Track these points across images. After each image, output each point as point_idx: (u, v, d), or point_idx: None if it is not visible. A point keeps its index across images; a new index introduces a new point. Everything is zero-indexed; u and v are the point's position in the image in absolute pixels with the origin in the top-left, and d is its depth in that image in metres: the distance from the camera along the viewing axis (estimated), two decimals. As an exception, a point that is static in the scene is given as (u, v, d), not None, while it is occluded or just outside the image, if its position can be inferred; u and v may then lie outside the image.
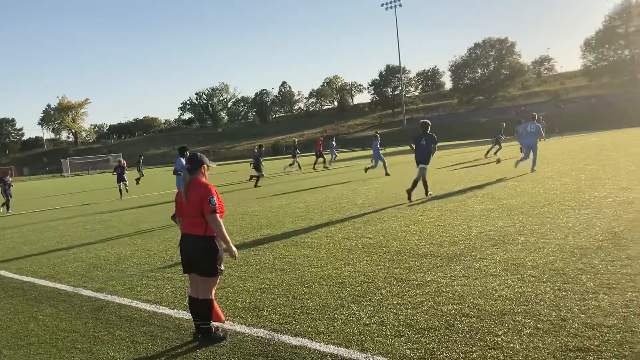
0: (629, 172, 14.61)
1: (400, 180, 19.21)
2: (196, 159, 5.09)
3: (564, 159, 21.27)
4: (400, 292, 5.85)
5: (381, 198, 14.32)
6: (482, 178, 16.94)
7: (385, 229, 9.73)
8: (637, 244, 6.87)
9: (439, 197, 13.22)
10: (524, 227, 8.63)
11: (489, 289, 5.64)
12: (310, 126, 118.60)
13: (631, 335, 4.15)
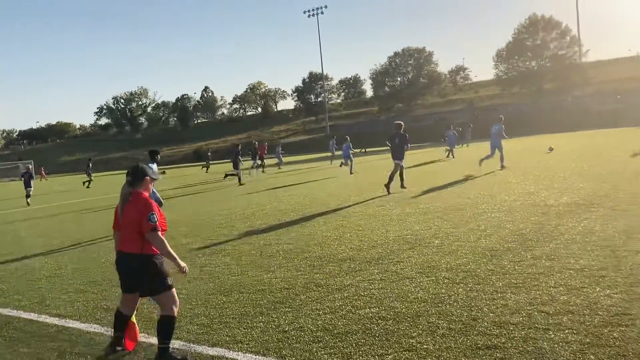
0: (535, 177, 15.47)
1: (322, 187, 19.39)
2: (137, 171, 4.65)
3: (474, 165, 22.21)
4: (319, 297, 5.88)
5: (304, 204, 14.38)
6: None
7: (307, 234, 9.77)
8: (541, 245, 7.28)
9: (360, 202, 13.44)
10: (439, 231, 8.93)
11: (405, 291, 5.79)
12: (233, 132, 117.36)
13: (534, 332, 4.38)
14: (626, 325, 4.32)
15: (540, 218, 9.21)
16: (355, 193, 15.83)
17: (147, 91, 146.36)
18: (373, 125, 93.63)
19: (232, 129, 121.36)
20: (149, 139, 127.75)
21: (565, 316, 4.65)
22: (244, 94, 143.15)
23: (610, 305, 4.79)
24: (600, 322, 4.44)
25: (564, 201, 10.70)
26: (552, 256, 6.64)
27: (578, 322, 4.50)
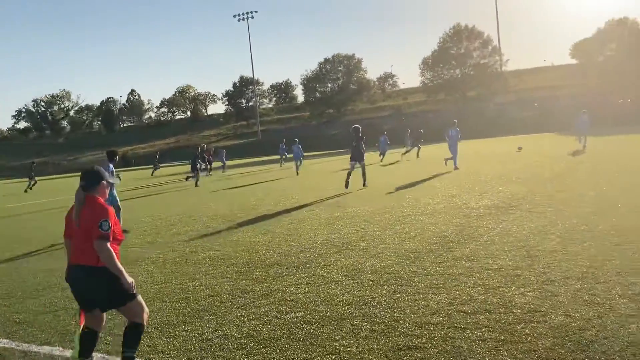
0: (458, 181, 16.01)
1: (256, 191, 19.26)
2: (93, 174, 4.24)
3: (403, 169, 22.80)
4: (245, 303, 5.82)
5: (233, 209, 14.22)
6: (333, 188, 17.54)
7: (235, 240, 9.65)
8: (462, 246, 7.53)
9: (290, 208, 13.44)
10: (366, 234, 9.06)
11: (331, 295, 5.82)
12: (161, 136, 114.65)
13: (453, 331, 4.51)
14: (537, 322, 4.53)
15: (462, 220, 9.53)
16: (286, 198, 15.81)
17: (69, 94, 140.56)
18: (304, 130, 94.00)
19: (159, 133, 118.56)
20: (71, 143, 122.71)
21: (482, 315, 4.82)
22: (172, 98, 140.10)
23: (524, 303, 5.01)
24: (514, 320, 4.63)
25: (484, 204, 11.12)
26: (471, 257, 6.88)
27: (494, 320, 4.67)
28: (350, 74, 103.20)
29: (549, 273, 5.87)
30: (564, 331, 4.29)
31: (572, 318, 4.53)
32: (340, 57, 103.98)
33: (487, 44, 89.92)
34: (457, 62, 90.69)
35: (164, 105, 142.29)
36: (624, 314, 4.51)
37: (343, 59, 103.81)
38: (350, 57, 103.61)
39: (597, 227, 7.89)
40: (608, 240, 7.04)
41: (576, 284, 5.40)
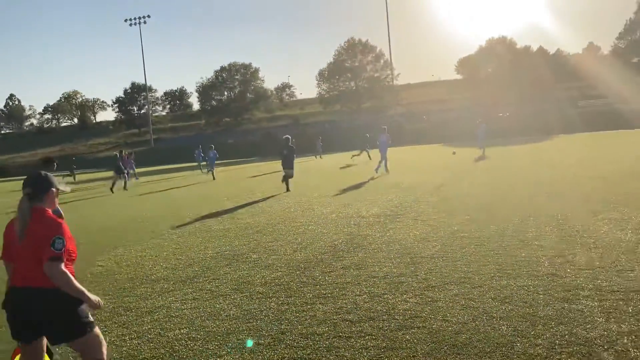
0: (350, 190, 16.39)
1: (142, 203, 18.55)
2: (41, 180, 3.55)
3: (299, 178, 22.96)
4: (127, 321, 5.55)
5: (120, 222, 13.58)
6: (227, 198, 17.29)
7: (120, 255, 9.21)
8: (351, 255, 7.68)
9: (182, 221, 13.06)
10: (258, 245, 9.00)
11: (218, 309, 5.70)
12: (45, 144, 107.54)
13: (338, 341, 4.57)
14: (418, 328, 4.70)
15: (352, 229, 9.74)
16: (177, 208, 15.36)
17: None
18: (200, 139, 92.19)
19: (43, 141, 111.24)
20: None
21: (366, 323, 4.92)
22: (57, 104, 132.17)
23: (406, 310, 5.18)
24: (396, 326, 4.77)
25: (374, 212, 11.45)
26: (359, 265, 7.04)
27: (377, 327, 4.79)
28: (248, 83, 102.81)
29: (430, 279, 6.12)
30: (441, 335, 4.49)
31: (449, 322, 4.75)
32: (237, 65, 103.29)
33: (380, 58, 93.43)
34: (352, 74, 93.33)
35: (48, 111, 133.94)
36: (495, 317, 4.79)
37: (240, 68, 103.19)
38: (248, 66, 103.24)
39: (476, 234, 8.36)
40: (484, 247, 7.48)
41: (454, 289, 5.68)
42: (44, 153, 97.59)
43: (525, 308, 4.95)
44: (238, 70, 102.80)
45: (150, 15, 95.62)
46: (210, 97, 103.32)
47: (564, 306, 4.91)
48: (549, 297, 5.20)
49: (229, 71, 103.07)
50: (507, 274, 6.05)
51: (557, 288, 5.43)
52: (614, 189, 12.03)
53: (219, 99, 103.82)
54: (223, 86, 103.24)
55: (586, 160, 20.10)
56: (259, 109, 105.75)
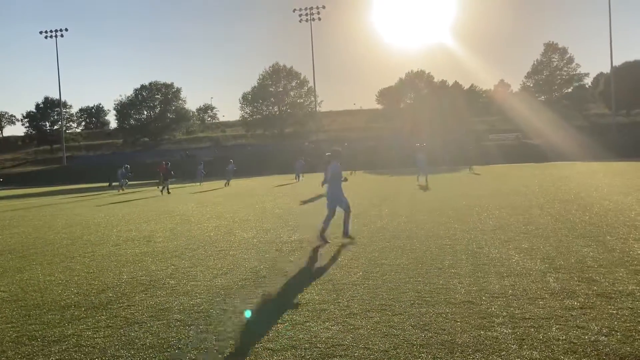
0: (274, 215, 16.31)
1: (52, 223, 17.55)
2: None
3: (220, 202, 22.61)
4: (32, 352, 5.17)
5: (27, 244, 12.76)
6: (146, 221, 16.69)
7: (26, 279, 8.62)
8: (272, 281, 7.60)
9: (94, 244, 12.46)
10: (176, 270, 8.71)
11: (133, 337, 5.43)
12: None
13: (260, 370, 4.46)
14: (340, 356, 4.68)
15: (274, 255, 9.66)
16: (90, 231, 14.65)
17: None
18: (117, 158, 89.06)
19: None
20: None
21: (288, 351, 4.85)
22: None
23: (328, 338, 5.16)
24: (318, 355, 4.73)
25: (296, 238, 11.43)
26: (281, 292, 6.96)
27: (299, 356, 4.73)
28: (169, 103, 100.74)
29: (352, 306, 6.15)
30: (363, 364, 4.49)
31: (371, 351, 4.77)
32: (159, 84, 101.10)
33: (304, 85, 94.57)
34: (275, 99, 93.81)
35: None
36: (416, 344, 4.86)
37: (161, 87, 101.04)
38: (169, 86, 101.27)
39: (396, 261, 8.52)
40: (404, 274, 7.63)
41: (376, 317, 5.73)
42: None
43: (444, 335, 5.06)
44: (159, 90, 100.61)
45: (67, 28, 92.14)
46: (129, 115, 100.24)
47: (480, 333, 5.07)
48: (466, 324, 5.35)
49: (150, 90, 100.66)
50: (426, 302, 6.19)
51: (474, 315, 5.61)
52: (522, 219, 12.69)
53: (138, 117, 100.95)
54: (143, 105, 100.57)
55: (497, 191, 21.12)
56: (180, 130, 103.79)
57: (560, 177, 28.38)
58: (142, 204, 24.19)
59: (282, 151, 77.41)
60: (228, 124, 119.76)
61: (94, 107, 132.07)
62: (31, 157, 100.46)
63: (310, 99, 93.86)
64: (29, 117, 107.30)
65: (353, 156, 68.33)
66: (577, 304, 5.82)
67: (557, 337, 4.88)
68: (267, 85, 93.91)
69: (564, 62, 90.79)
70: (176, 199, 27.09)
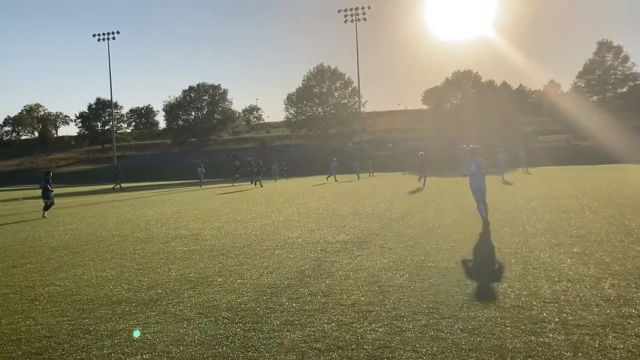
0: (317, 216, 16.35)
1: (103, 220, 18.09)
2: None
3: (265, 202, 22.82)
4: (86, 345, 5.33)
5: (80, 240, 13.19)
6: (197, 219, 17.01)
7: (79, 275, 8.90)
8: (318, 281, 7.60)
9: (144, 241, 12.77)
10: (224, 268, 8.84)
11: (182, 334, 5.53)
12: (3, 157, 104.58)
13: (306, 369, 4.47)
14: (387, 358, 4.64)
15: (319, 255, 9.67)
16: (139, 229, 15.02)
17: None
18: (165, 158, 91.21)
19: (1, 154, 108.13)
20: None
21: (335, 352, 4.84)
22: (18, 116, 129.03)
23: (375, 339, 5.12)
24: (365, 356, 4.71)
25: (340, 239, 11.42)
26: (327, 292, 6.96)
27: (346, 357, 4.71)
28: (215, 104, 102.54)
29: (398, 309, 6.09)
30: (411, 366, 4.44)
31: (419, 353, 4.71)
32: (206, 86, 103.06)
33: (348, 86, 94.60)
34: (319, 100, 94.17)
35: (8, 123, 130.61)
36: (464, 349, 4.78)
37: (209, 89, 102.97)
38: (216, 87, 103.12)
39: (443, 264, 8.40)
40: (452, 276, 7.51)
41: (423, 320, 5.66)
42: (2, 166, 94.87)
43: (494, 340, 4.95)
44: (207, 91, 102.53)
45: (119, 31, 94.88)
46: (177, 116, 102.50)
47: (531, 339, 4.94)
48: (517, 329, 5.22)
49: (198, 91, 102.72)
50: (475, 305, 6.07)
51: (524, 320, 5.47)
52: (574, 222, 12.31)
53: (186, 118, 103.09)
54: (191, 106, 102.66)
55: (547, 194, 20.57)
56: (226, 131, 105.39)
57: (614, 180, 27.42)
58: (188, 203, 24.65)
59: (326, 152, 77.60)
60: (273, 125, 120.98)
61: (144, 108, 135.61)
62: (83, 157, 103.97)
63: (355, 100, 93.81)
64: (81, 118, 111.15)
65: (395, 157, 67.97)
66: (636, 312, 5.60)
67: (614, 346, 4.70)
68: (311, 86, 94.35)
69: (619, 61, 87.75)
70: (224, 198, 27.49)
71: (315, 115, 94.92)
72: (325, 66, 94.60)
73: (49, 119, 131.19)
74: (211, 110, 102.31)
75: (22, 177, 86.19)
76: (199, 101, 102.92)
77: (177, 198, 29.25)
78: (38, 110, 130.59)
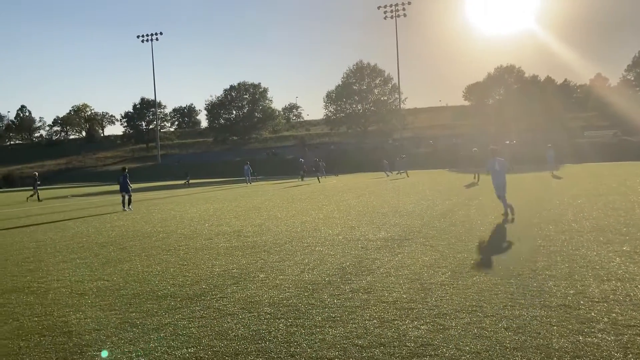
0: (358, 213, 16.33)
1: (148, 217, 18.52)
2: None
3: (305, 199, 22.93)
4: (133, 338, 5.48)
5: (126, 236, 13.54)
6: (239, 216, 17.25)
7: (126, 270, 9.15)
8: (360, 278, 7.60)
9: (188, 238, 13.02)
10: (266, 264, 8.93)
11: (226, 328, 5.63)
12: (53, 156, 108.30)
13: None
14: (430, 356, 4.62)
15: (360, 252, 9.66)
16: (183, 225, 15.32)
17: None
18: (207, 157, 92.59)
19: (51, 153, 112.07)
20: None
21: (377, 349, 4.84)
22: (66, 116, 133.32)
23: (417, 337, 5.10)
24: (407, 354, 4.69)
25: (381, 236, 11.38)
26: (368, 289, 6.96)
27: (388, 354, 4.71)
28: (256, 103, 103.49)
29: (441, 306, 6.04)
30: (454, 364, 4.40)
31: (462, 352, 4.66)
32: (247, 85, 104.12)
33: (388, 82, 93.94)
34: (359, 97, 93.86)
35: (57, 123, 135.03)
36: (509, 347, 4.71)
37: (249, 87, 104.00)
38: (257, 86, 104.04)
39: (486, 262, 8.28)
40: (495, 275, 7.40)
41: (466, 317, 5.60)
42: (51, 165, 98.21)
43: (539, 339, 4.86)
44: (247, 90, 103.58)
45: (162, 32, 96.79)
46: (218, 115, 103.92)
47: (579, 339, 4.82)
48: (563, 329, 5.11)
49: (238, 90, 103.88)
50: (519, 304, 5.97)
51: (571, 320, 5.35)
52: (623, 220, 11.93)
53: (227, 117, 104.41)
54: (232, 105, 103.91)
55: (594, 190, 19.99)
56: (266, 129, 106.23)
57: (665, 177, 26.42)
58: (230, 200, 24.97)
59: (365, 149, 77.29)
60: (312, 123, 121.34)
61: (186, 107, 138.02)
62: (129, 155, 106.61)
63: (395, 96, 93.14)
64: (126, 117, 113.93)
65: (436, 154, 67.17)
66: (689, 313, 5.40)
67: (667, 347, 4.55)
68: (351, 83, 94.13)
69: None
70: (265, 195, 27.76)
71: (355, 112, 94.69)
72: (365, 63, 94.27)
73: (96, 118, 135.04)
74: (252, 109, 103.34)
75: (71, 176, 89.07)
76: (239, 100, 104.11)
77: (219, 195, 29.69)
78: (85, 111, 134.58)
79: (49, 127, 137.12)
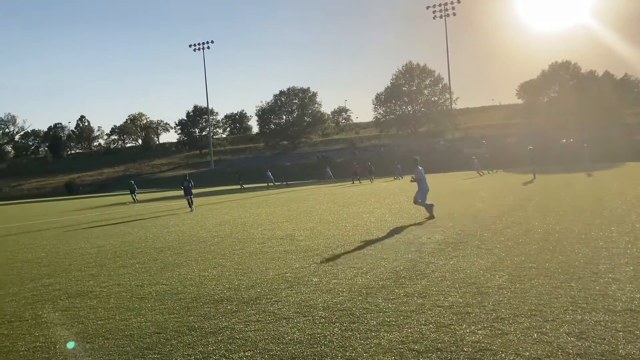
0: (410, 216, 16.17)
1: (203, 222, 18.91)
2: None
3: (357, 202, 22.88)
4: (192, 341, 5.61)
5: (183, 241, 13.88)
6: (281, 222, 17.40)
7: (183, 274, 9.38)
8: (414, 282, 7.52)
9: (242, 242, 13.22)
10: (319, 268, 8.97)
11: (281, 332, 5.68)
12: (111, 164, 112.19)
13: (405, 371, 4.45)
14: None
15: (414, 255, 9.56)
16: (237, 230, 15.57)
17: (15, 118, 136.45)
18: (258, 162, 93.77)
19: (109, 161, 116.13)
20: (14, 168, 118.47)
21: (434, 354, 4.78)
22: (123, 125, 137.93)
23: (474, 342, 5.00)
24: (464, 358, 4.61)
25: (435, 239, 11.22)
26: (423, 293, 6.88)
27: (445, 359, 4.64)
28: (305, 107, 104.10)
29: (498, 310, 5.91)
30: (514, 371, 4.29)
31: (522, 357, 4.55)
32: (296, 90, 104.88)
33: (438, 82, 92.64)
34: (409, 98, 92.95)
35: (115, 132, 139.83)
36: (572, 353, 4.56)
37: (298, 92, 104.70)
38: (306, 90, 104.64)
39: (544, 265, 8.05)
40: (555, 278, 7.18)
41: (525, 322, 5.45)
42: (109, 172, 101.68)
43: (604, 345, 4.69)
44: (297, 94, 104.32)
45: (213, 40, 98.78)
46: (269, 120, 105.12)
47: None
48: (630, 334, 4.91)
49: (288, 95, 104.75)
50: (582, 308, 5.77)
51: (638, 325, 5.13)
52: (692, 220, 11.35)
53: (277, 122, 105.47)
54: (281, 110, 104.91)
55: (659, 190, 19.11)
56: (316, 133, 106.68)
57: None
58: (282, 204, 25.20)
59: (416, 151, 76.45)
60: (361, 125, 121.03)
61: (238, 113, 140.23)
62: (183, 162, 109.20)
63: (445, 96, 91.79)
64: (180, 125, 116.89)
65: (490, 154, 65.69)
66: None
67: None
68: (400, 84, 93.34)
69: None
70: (315, 199, 27.88)
71: (405, 114, 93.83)
72: (414, 64, 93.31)
73: (151, 127, 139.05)
74: (301, 113, 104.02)
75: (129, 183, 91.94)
76: (289, 105, 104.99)
77: (270, 200, 30.02)
78: (141, 119, 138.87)
79: (107, 136, 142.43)
